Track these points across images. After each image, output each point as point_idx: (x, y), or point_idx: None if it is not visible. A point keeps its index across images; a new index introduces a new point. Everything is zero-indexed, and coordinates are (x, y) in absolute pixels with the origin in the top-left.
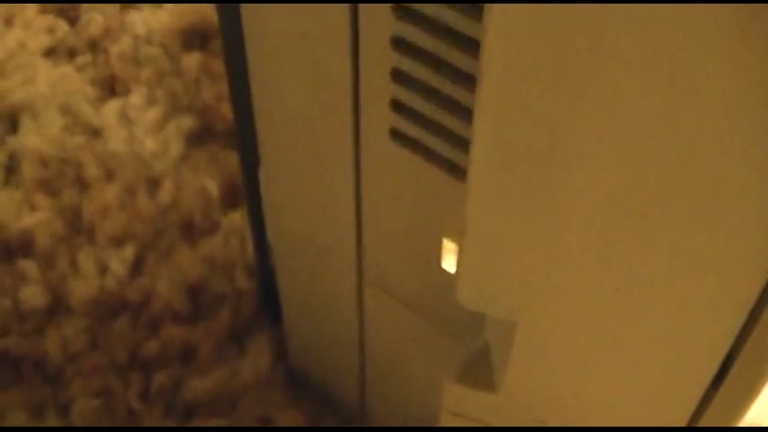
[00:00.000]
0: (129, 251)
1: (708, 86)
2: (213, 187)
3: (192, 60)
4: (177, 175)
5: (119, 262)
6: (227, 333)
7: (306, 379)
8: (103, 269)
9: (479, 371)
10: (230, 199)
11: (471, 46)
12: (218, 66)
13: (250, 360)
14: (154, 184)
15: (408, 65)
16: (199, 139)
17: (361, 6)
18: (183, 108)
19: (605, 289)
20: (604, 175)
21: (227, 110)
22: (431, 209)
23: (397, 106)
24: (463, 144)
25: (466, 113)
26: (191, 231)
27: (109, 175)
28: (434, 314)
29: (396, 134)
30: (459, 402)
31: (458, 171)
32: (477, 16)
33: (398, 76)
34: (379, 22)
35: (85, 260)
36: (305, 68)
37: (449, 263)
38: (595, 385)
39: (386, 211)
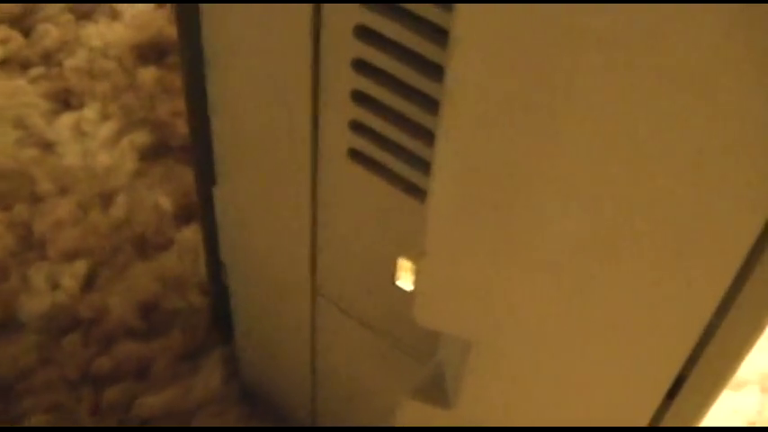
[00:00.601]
0: (81, 267)
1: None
2: (167, 203)
3: (147, 75)
4: (131, 190)
5: (71, 277)
6: (180, 350)
7: (258, 395)
8: (55, 284)
9: (434, 388)
10: (184, 215)
11: (433, 70)
12: (175, 81)
13: (203, 377)
14: (107, 199)
15: (368, 86)
16: (153, 154)
17: (324, 27)
18: (137, 123)
19: (564, 310)
20: (566, 199)
21: (182, 125)
22: (388, 228)
23: (356, 126)
24: (422, 165)
25: (426, 135)
26: (144, 247)
27: (62, 190)
28: (389, 331)
29: (354, 154)
30: (413, 419)
31: (416, 191)
32: (440, 41)
33: (358, 96)
34: (341, 43)
35: (37, 275)
36: (264, 86)
37: (404, 281)
38: (550, 403)
39: (342, 230)
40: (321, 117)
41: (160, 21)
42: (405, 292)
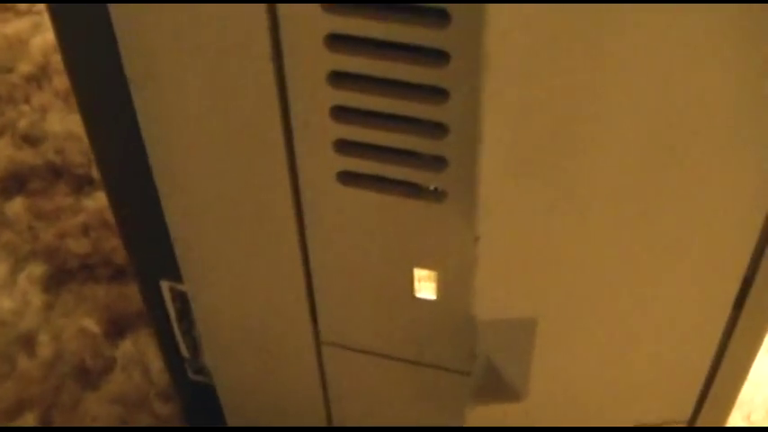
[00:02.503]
0: (30, 418)
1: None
2: (92, 324)
3: (16, 207)
4: (49, 325)
5: None
6: None
7: None
8: None
9: (496, 386)
10: (115, 331)
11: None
12: (47, 204)
13: None
14: (28, 342)
15: (348, 98)
16: (56, 282)
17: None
18: (26, 257)
19: (620, 262)
20: (607, 157)
21: (74, 245)
22: (393, 244)
23: (342, 146)
24: (422, 160)
25: (420, 126)
26: (88, 376)
27: None
28: (410, 354)
29: (345, 177)
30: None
31: (420, 192)
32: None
33: (340, 112)
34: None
35: None
36: (225, 137)
37: (425, 291)
38: (621, 357)
39: (340, 264)
40: (299, 148)
41: (5, 150)
42: (425, 303)
